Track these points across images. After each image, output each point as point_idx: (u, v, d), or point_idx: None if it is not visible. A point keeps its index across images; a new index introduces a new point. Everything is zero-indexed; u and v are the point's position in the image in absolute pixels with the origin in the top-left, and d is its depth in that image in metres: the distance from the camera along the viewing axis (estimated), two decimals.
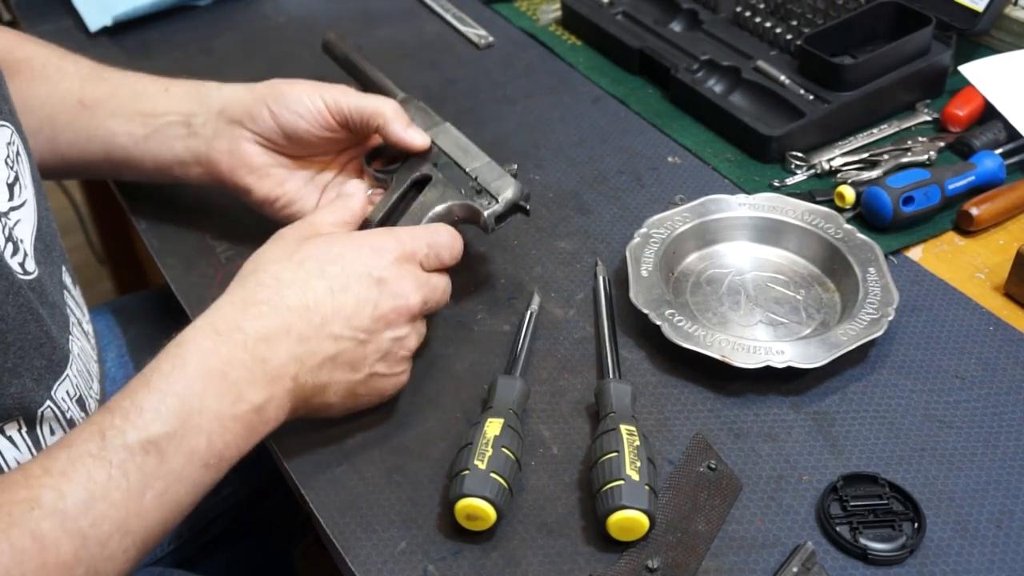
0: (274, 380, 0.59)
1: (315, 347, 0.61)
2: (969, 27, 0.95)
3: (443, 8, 1.17)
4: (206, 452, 0.56)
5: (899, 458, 0.65)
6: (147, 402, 0.55)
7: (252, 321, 0.60)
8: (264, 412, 0.59)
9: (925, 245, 0.83)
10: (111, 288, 1.81)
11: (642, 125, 0.98)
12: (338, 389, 0.63)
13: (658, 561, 0.59)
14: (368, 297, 0.63)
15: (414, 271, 0.65)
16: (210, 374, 0.57)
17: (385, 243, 0.65)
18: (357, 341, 0.62)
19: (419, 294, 0.65)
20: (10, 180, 0.67)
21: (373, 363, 0.64)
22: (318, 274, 0.63)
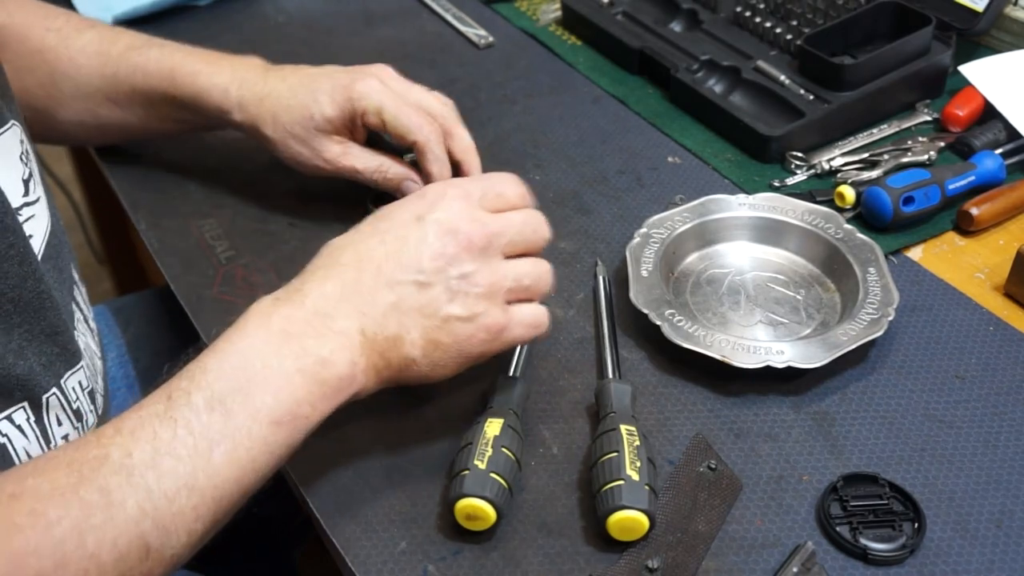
0: (339, 334, 0.58)
1: (375, 297, 0.59)
2: (969, 27, 0.95)
3: (443, 8, 1.17)
4: (275, 408, 0.55)
5: (899, 458, 0.65)
6: (211, 362, 0.56)
7: (311, 283, 0.60)
8: (333, 366, 0.57)
9: (925, 245, 0.83)
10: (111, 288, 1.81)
11: (642, 125, 0.98)
12: (415, 340, 0.60)
13: (658, 561, 0.59)
14: (420, 237, 0.60)
15: (468, 206, 0.62)
16: (269, 332, 0.57)
17: (430, 189, 0.64)
18: (417, 284, 0.60)
19: (478, 226, 0.61)
20: (25, 176, 0.68)
21: (444, 305, 0.60)
22: (370, 232, 0.62)
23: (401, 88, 0.80)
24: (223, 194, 0.89)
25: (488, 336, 0.61)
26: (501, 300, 0.62)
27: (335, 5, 1.19)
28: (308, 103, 0.78)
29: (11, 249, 0.61)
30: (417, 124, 0.78)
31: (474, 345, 0.61)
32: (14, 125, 0.68)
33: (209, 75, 0.81)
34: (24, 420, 0.63)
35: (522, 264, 0.63)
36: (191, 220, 0.87)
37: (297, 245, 0.84)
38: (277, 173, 0.91)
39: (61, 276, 0.70)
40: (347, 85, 0.78)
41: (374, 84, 0.78)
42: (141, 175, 0.92)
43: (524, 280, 0.63)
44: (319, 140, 0.80)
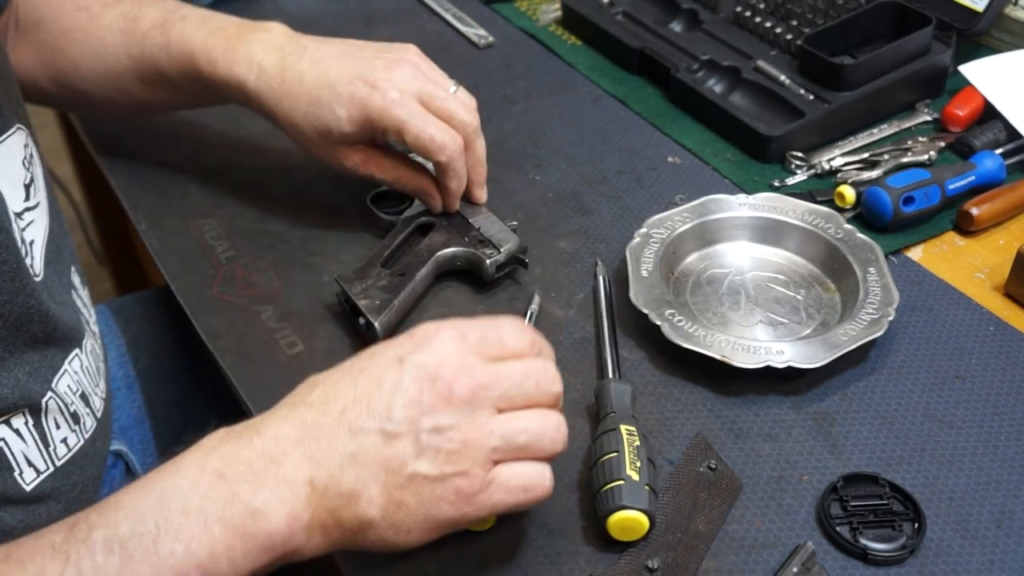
0: (283, 482, 0.50)
1: (332, 443, 0.52)
2: (969, 27, 0.96)
3: (443, 8, 1.17)
4: (183, 560, 0.48)
5: (899, 458, 0.65)
6: (127, 499, 0.50)
7: (269, 421, 0.53)
8: (265, 519, 0.50)
9: (925, 245, 0.83)
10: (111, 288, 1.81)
11: (642, 125, 0.98)
12: (373, 497, 0.52)
13: (658, 561, 0.59)
14: (395, 380, 0.53)
15: (459, 350, 0.54)
16: (202, 472, 0.50)
17: (421, 328, 0.56)
18: (384, 433, 0.52)
19: (463, 374, 0.53)
20: (26, 181, 0.67)
21: (410, 461, 0.52)
22: (347, 369, 0.55)
23: (426, 91, 0.75)
24: (223, 194, 0.89)
25: (459, 500, 0.53)
26: (483, 459, 0.53)
27: (335, 5, 1.19)
28: (327, 117, 0.75)
29: (4, 265, 0.60)
30: (440, 144, 0.74)
31: (442, 509, 0.53)
32: (19, 129, 0.68)
33: (227, 65, 0.78)
34: (22, 424, 0.63)
35: (519, 419, 0.54)
36: (191, 220, 0.87)
37: (297, 245, 0.84)
38: (277, 173, 0.91)
39: (60, 282, 0.70)
40: (365, 99, 0.73)
41: (393, 96, 0.73)
42: (141, 175, 0.92)
43: (518, 438, 0.54)
44: (339, 151, 0.78)
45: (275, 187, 0.90)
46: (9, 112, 0.67)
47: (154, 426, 0.90)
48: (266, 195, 0.89)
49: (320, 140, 0.77)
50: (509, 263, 0.78)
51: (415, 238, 0.81)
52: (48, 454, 0.66)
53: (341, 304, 0.76)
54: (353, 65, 0.75)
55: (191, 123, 0.98)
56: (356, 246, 0.83)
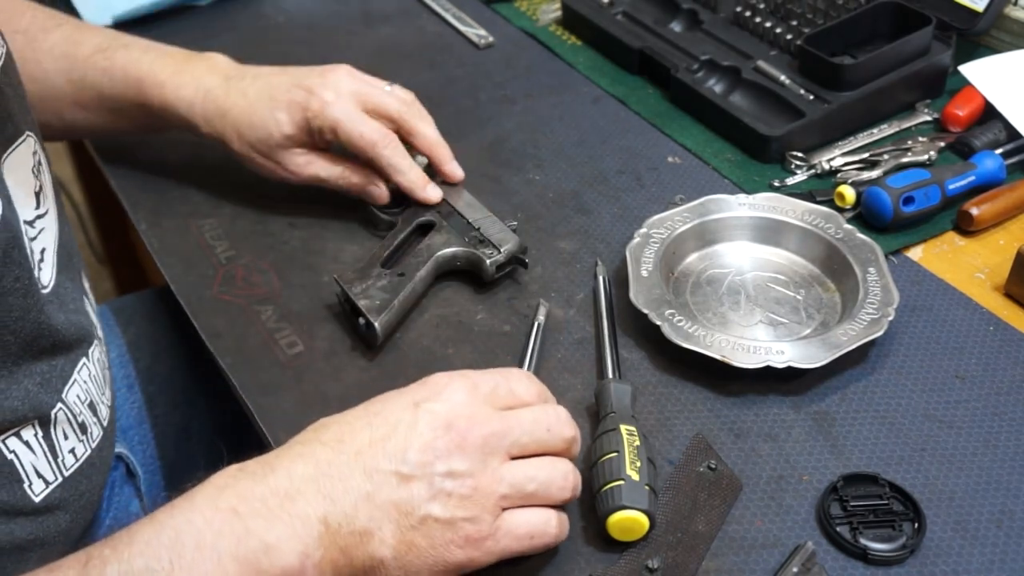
0: (296, 518, 0.51)
1: (347, 483, 0.52)
2: (969, 27, 0.95)
3: (443, 8, 1.17)
4: None
5: (899, 458, 0.65)
6: (140, 534, 0.50)
7: (283, 459, 0.53)
8: (279, 555, 0.50)
9: (925, 245, 0.83)
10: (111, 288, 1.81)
11: (642, 125, 0.98)
12: (385, 538, 0.52)
13: (658, 561, 0.59)
14: (410, 424, 0.54)
15: (472, 400, 0.56)
16: (216, 509, 0.50)
17: (436, 377, 0.58)
18: (399, 475, 0.53)
19: (476, 423, 0.55)
20: (36, 189, 0.67)
21: (423, 504, 0.53)
22: (360, 413, 0.56)
23: (360, 91, 0.80)
24: (223, 194, 0.89)
25: (468, 545, 0.54)
26: (492, 506, 0.54)
27: (335, 5, 1.19)
28: (268, 122, 0.79)
29: (16, 283, 0.60)
30: (369, 141, 0.79)
31: (452, 552, 0.54)
32: (28, 136, 0.68)
33: (175, 87, 0.82)
34: (32, 436, 0.63)
35: (528, 467, 0.56)
36: (191, 220, 0.87)
37: (297, 245, 0.84)
38: None
39: (73, 286, 0.70)
40: (303, 103, 0.79)
41: (328, 98, 0.78)
42: (141, 175, 0.92)
43: (527, 486, 0.56)
44: (282, 154, 0.81)
45: (275, 187, 0.89)
46: (19, 120, 0.67)
47: (154, 427, 0.90)
48: (266, 195, 0.89)
49: (263, 147, 0.81)
50: (509, 263, 0.78)
51: (415, 238, 0.81)
52: (56, 465, 0.66)
53: (341, 304, 0.76)
54: (292, 76, 0.81)
55: None
56: (356, 246, 0.83)
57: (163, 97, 0.82)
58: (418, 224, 0.81)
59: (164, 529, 0.50)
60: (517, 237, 0.79)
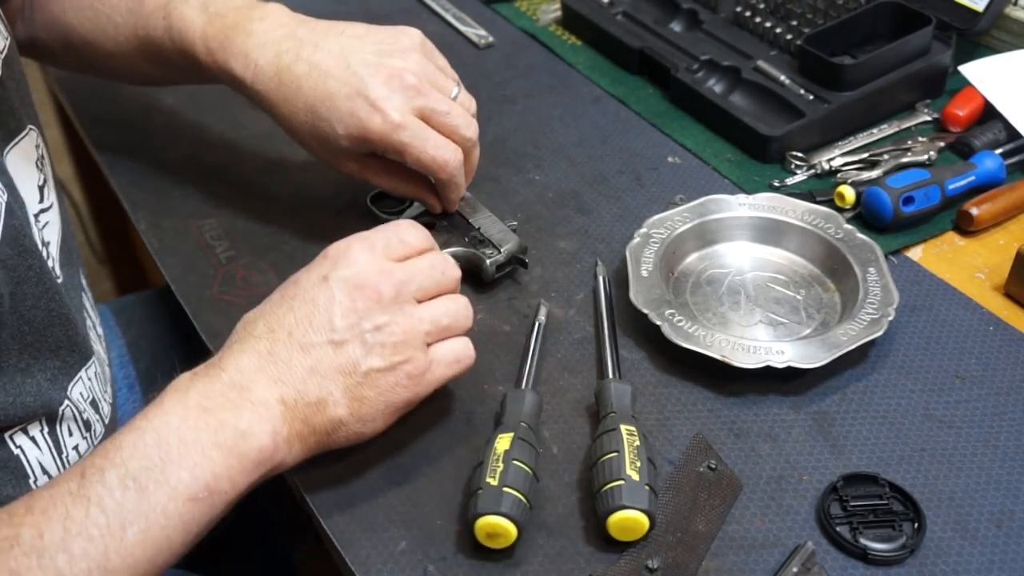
0: (258, 404, 0.57)
1: (290, 363, 0.58)
2: (969, 27, 0.95)
3: (443, 8, 1.17)
4: (191, 485, 0.54)
5: (899, 458, 0.65)
6: (126, 439, 0.54)
7: (227, 358, 0.59)
8: (253, 438, 0.56)
9: (925, 245, 0.83)
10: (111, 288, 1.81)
11: (642, 125, 0.98)
12: (338, 400, 0.59)
13: (658, 561, 0.59)
14: (328, 296, 0.60)
15: (373, 258, 0.62)
16: (186, 408, 0.56)
17: (333, 248, 0.63)
18: (332, 343, 0.59)
19: (384, 276, 0.61)
20: (40, 183, 0.67)
21: (362, 360, 0.59)
22: (279, 299, 0.62)
23: (427, 107, 0.73)
24: (223, 194, 0.89)
25: (411, 382, 0.61)
26: (421, 344, 0.61)
27: (335, 5, 1.19)
28: (325, 130, 0.74)
29: (30, 271, 0.60)
30: (441, 163, 0.74)
31: (399, 393, 0.61)
32: (31, 130, 0.68)
33: (224, 59, 0.76)
34: (38, 432, 0.63)
35: (437, 305, 0.63)
36: (191, 220, 0.87)
37: (297, 245, 0.84)
38: (277, 173, 0.91)
39: (72, 284, 0.70)
40: (365, 121, 0.72)
41: (395, 120, 0.72)
42: (141, 175, 0.92)
43: (442, 320, 0.63)
44: (335, 158, 0.77)
45: (275, 187, 0.90)
46: (22, 114, 0.67)
47: None
48: (266, 195, 0.89)
49: (318, 147, 0.77)
50: (509, 263, 0.78)
51: None
52: (61, 461, 0.66)
53: None
54: (352, 76, 0.73)
55: (191, 123, 0.98)
56: None
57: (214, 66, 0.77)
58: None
59: (146, 432, 0.54)
60: (517, 237, 0.79)
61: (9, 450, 0.61)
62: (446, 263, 0.65)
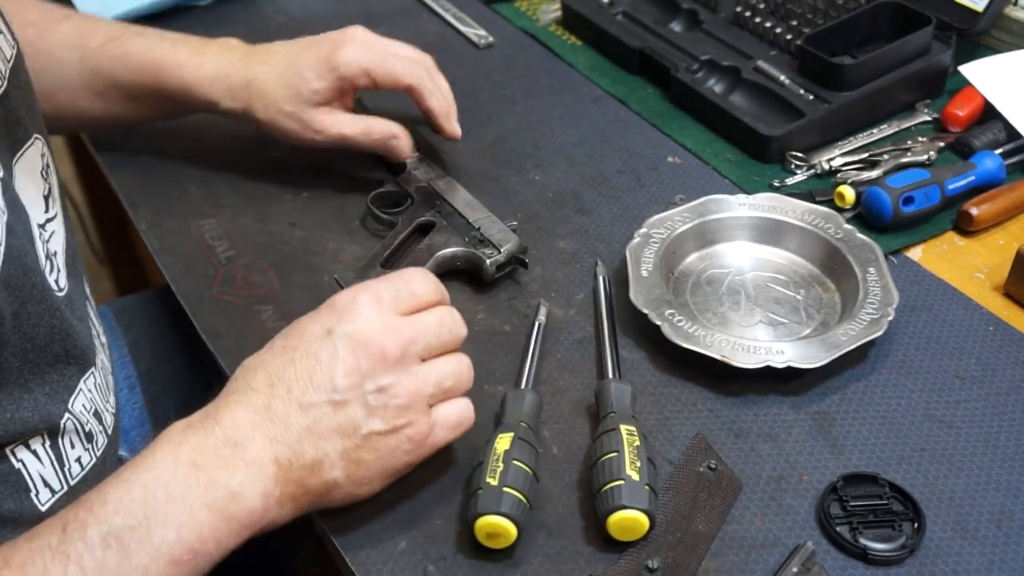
0: (252, 464, 0.55)
1: (288, 422, 0.56)
2: (969, 27, 0.95)
3: (443, 8, 1.17)
4: (176, 546, 0.52)
5: (899, 458, 0.65)
6: (112, 493, 0.52)
7: (223, 410, 0.56)
8: (244, 499, 0.54)
9: (925, 245, 0.83)
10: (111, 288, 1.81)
11: (642, 125, 0.98)
12: (334, 462, 0.57)
13: (658, 561, 0.59)
14: (331, 353, 0.57)
15: (379, 313, 0.59)
16: (177, 463, 0.54)
17: (339, 298, 0.60)
18: (333, 404, 0.56)
19: (391, 335, 0.58)
20: (45, 192, 0.67)
21: (363, 422, 0.57)
22: (280, 350, 0.59)
23: (379, 45, 0.83)
24: (223, 194, 0.89)
25: (413, 446, 0.59)
26: (424, 407, 0.59)
27: (335, 5, 1.19)
28: (295, 80, 0.80)
29: (32, 289, 0.60)
30: (405, 69, 0.81)
31: (398, 457, 0.59)
32: (37, 139, 0.68)
33: (195, 67, 0.82)
34: (40, 445, 0.63)
35: (441, 365, 0.60)
36: (191, 220, 0.87)
37: (297, 245, 0.84)
38: (277, 174, 0.91)
39: (77, 292, 0.70)
40: (329, 56, 0.80)
41: (355, 48, 0.81)
42: (141, 175, 0.92)
43: (446, 382, 0.60)
44: (309, 113, 0.81)
45: (275, 187, 0.90)
46: (28, 123, 0.67)
47: (156, 427, 0.90)
48: (266, 195, 0.89)
49: (291, 108, 0.81)
50: (509, 263, 0.78)
51: (415, 238, 0.81)
52: (63, 474, 0.66)
53: None
54: (310, 40, 0.84)
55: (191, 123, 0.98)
56: (356, 246, 0.83)
57: (182, 78, 0.82)
58: (418, 224, 0.81)
59: (133, 487, 0.53)
60: (517, 237, 0.79)
61: (10, 464, 0.61)
62: (453, 320, 0.62)
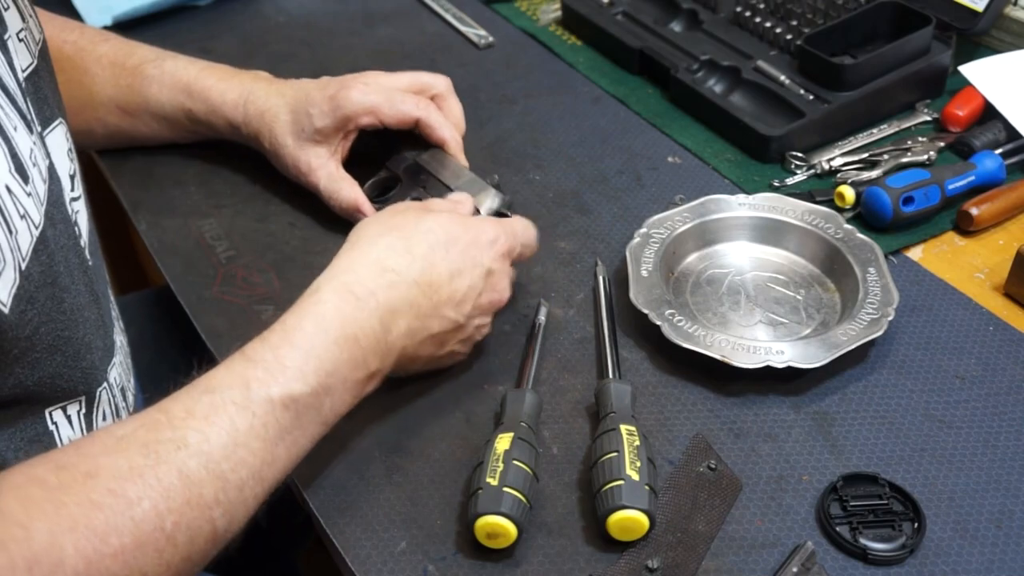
0: (389, 351, 0.63)
1: (427, 324, 0.65)
2: (969, 27, 0.95)
3: (443, 8, 1.17)
4: (328, 411, 0.60)
5: (899, 458, 0.65)
6: (290, 359, 0.58)
7: (384, 290, 0.63)
8: (375, 379, 0.63)
9: (925, 245, 0.83)
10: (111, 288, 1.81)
11: (642, 125, 0.98)
12: (422, 360, 0.67)
13: (658, 561, 0.59)
14: (476, 286, 0.67)
15: (509, 268, 0.70)
16: (346, 339, 0.60)
17: (497, 235, 0.69)
18: (456, 325, 0.67)
19: (509, 289, 0.70)
20: (71, 172, 0.69)
21: (456, 343, 0.68)
22: (442, 252, 0.66)
23: (387, 82, 0.84)
24: (223, 194, 0.89)
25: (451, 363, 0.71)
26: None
27: (335, 5, 1.19)
28: (300, 116, 0.83)
29: (69, 239, 0.62)
30: (411, 105, 0.82)
31: (440, 366, 0.70)
32: (61, 123, 0.69)
33: (220, 92, 0.86)
34: (76, 412, 0.64)
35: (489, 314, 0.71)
36: (191, 220, 0.87)
37: (297, 245, 0.84)
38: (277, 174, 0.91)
39: (100, 274, 0.72)
40: (335, 95, 0.82)
41: (362, 90, 0.82)
42: (141, 175, 0.92)
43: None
44: (304, 149, 0.84)
45: (275, 187, 0.90)
46: (55, 105, 0.69)
47: None
48: (266, 195, 0.89)
49: (292, 143, 0.84)
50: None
51: None
52: None
53: None
54: (330, 78, 0.86)
55: None
56: None
57: (209, 100, 0.86)
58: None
59: (310, 358, 0.59)
60: (498, 193, 0.80)
61: (45, 425, 0.62)
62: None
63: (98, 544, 0.48)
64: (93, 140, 0.92)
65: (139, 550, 0.49)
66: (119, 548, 0.48)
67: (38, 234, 0.57)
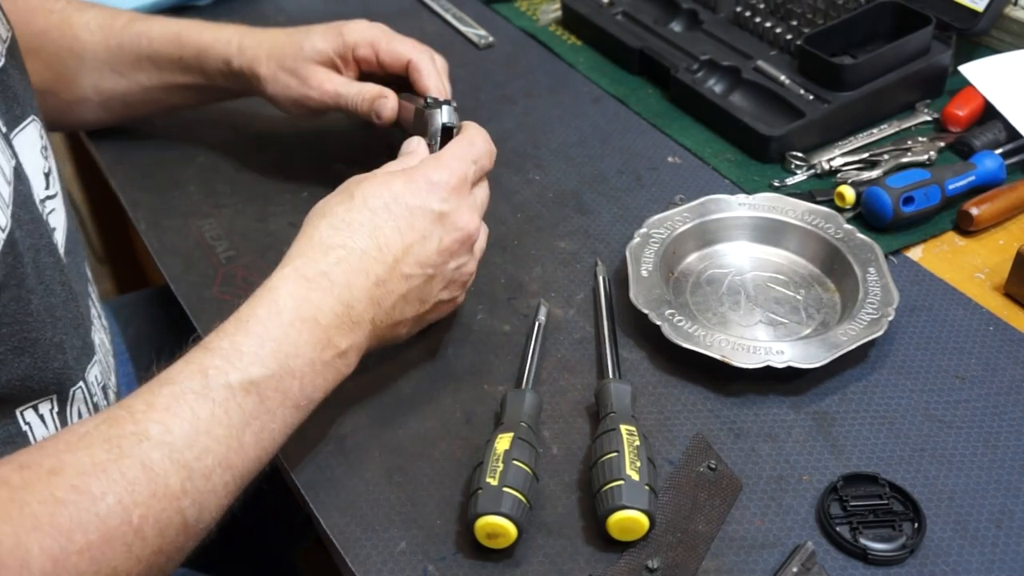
0: (357, 325, 0.62)
1: (390, 288, 0.64)
2: (969, 27, 0.95)
3: (443, 8, 1.17)
4: (298, 394, 0.59)
5: (899, 458, 0.65)
6: (246, 345, 0.58)
7: (334, 266, 0.62)
8: (348, 356, 0.62)
9: (925, 245, 0.83)
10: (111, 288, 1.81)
11: (642, 125, 0.98)
12: (407, 322, 0.66)
13: (658, 561, 0.59)
14: (432, 232, 0.65)
15: (468, 197, 0.68)
16: (303, 321, 0.60)
17: (439, 175, 0.67)
18: (426, 277, 0.65)
19: (475, 219, 0.68)
20: (46, 170, 0.69)
21: (438, 293, 0.67)
22: (385, 215, 0.65)
23: (388, 29, 0.85)
24: (223, 194, 0.90)
25: (450, 310, 0.71)
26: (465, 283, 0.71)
27: (335, 5, 1.19)
28: (301, 40, 0.83)
29: (41, 239, 0.62)
30: (409, 46, 0.83)
31: (440, 316, 0.71)
32: (34, 120, 0.69)
33: (214, 31, 0.86)
34: (48, 411, 0.64)
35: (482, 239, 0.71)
36: (191, 220, 0.87)
37: None
38: (277, 174, 0.91)
39: (78, 272, 0.71)
40: (337, 25, 0.84)
41: (364, 24, 0.84)
42: (141, 175, 0.92)
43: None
44: (308, 68, 0.83)
45: (275, 187, 0.90)
46: (25, 103, 0.68)
47: None
48: (266, 195, 0.89)
49: (292, 63, 0.83)
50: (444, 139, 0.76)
51: None
52: None
53: None
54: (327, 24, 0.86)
55: (191, 123, 0.98)
56: None
57: (200, 41, 0.85)
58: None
59: (265, 342, 0.58)
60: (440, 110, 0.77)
61: (18, 426, 0.62)
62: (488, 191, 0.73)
63: (64, 542, 0.47)
64: (91, 110, 0.91)
65: (106, 545, 0.49)
66: (85, 545, 0.48)
67: (5, 236, 0.57)
